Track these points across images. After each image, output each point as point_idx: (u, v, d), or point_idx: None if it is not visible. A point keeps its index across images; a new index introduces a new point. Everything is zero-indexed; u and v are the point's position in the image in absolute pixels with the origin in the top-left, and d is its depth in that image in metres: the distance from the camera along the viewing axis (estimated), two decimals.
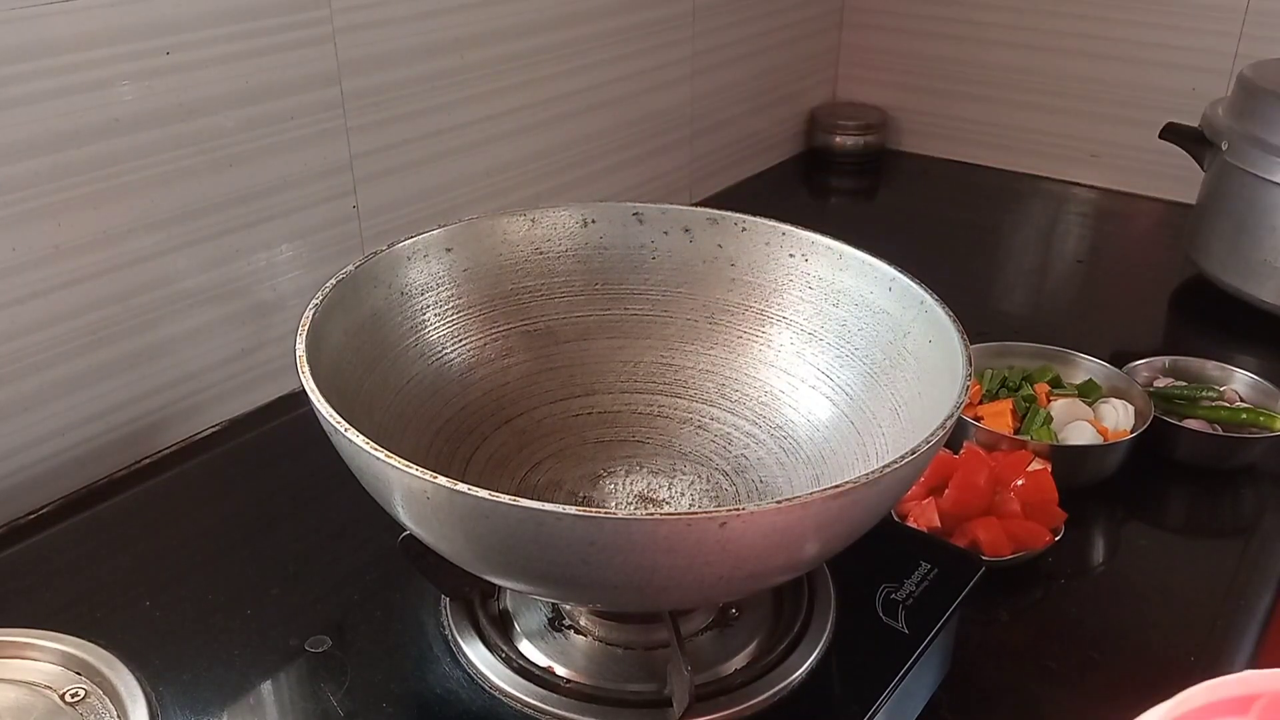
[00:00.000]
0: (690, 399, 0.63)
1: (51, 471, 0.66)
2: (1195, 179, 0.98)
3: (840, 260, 0.60)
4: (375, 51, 0.76)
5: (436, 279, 0.60)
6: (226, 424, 0.75)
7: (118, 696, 0.49)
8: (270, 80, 0.70)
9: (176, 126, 0.66)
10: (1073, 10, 1.17)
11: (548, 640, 0.53)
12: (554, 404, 0.62)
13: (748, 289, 0.63)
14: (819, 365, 0.60)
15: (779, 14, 1.20)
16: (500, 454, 0.59)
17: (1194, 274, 1.00)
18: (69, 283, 0.63)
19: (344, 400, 0.47)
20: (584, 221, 0.64)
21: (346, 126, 0.76)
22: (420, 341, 0.59)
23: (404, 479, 0.41)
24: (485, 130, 0.87)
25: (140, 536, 0.64)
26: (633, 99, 1.03)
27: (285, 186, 0.73)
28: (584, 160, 0.99)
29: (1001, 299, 1.01)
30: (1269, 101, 0.88)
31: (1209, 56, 1.11)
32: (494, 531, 0.41)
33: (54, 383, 0.64)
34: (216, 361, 0.73)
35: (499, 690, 0.51)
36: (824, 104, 1.34)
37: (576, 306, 0.64)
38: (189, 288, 0.70)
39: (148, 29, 0.63)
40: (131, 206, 0.65)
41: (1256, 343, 0.92)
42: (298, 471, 0.68)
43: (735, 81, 1.17)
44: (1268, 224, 0.89)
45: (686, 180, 1.15)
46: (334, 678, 0.52)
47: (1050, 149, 1.24)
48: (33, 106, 0.59)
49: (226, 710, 0.51)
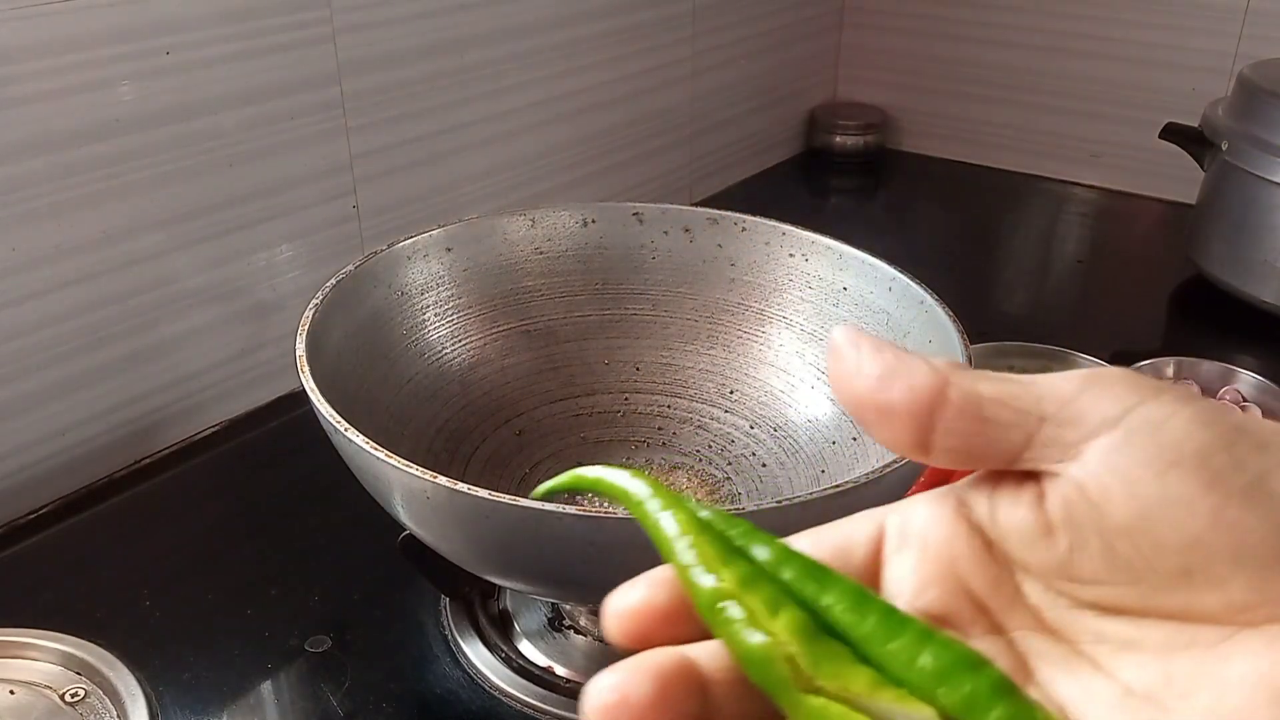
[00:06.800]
0: (690, 399, 0.63)
1: (51, 471, 0.66)
2: (1195, 179, 0.98)
3: (840, 260, 0.60)
4: (375, 51, 0.76)
5: (436, 279, 0.60)
6: (226, 424, 0.75)
7: (118, 696, 0.49)
8: (270, 80, 0.70)
9: (176, 126, 0.66)
10: (1073, 10, 1.17)
11: (548, 640, 0.53)
12: (554, 404, 0.62)
13: (748, 289, 0.63)
14: (819, 365, 0.60)
15: (779, 14, 1.20)
16: (500, 454, 0.59)
17: (1194, 274, 1.00)
18: (69, 283, 0.63)
19: (344, 400, 0.47)
20: (584, 221, 0.64)
21: (346, 126, 0.76)
22: (420, 341, 0.59)
23: (404, 479, 0.41)
24: (485, 130, 0.87)
25: (140, 536, 0.64)
26: (633, 99, 1.03)
27: (285, 186, 0.73)
28: (584, 160, 0.99)
29: (1001, 299, 1.01)
30: (1269, 101, 0.88)
31: (1209, 56, 1.11)
32: (494, 531, 0.41)
33: (54, 383, 0.64)
34: (216, 361, 0.73)
35: (499, 690, 0.51)
36: (824, 104, 1.34)
37: (576, 306, 0.64)
38: (189, 288, 0.70)
39: (148, 29, 0.63)
40: (131, 206, 0.65)
41: (1256, 343, 0.92)
42: (298, 471, 0.68)
43: (735, 81, 1.17)
44: (1268, 224, 0.89)
45: (686, 180, 1.15)
46: (334, 678, 0.52)
47: (1050, 149, 1.24)
48: (33, 106, 0.59)
49: (226, 710, 0.51)
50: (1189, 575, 0.20)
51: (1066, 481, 0.21)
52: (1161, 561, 0.20)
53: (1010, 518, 0.22)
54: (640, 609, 0.23)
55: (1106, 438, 0.21)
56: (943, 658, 0.21)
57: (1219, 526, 0.19)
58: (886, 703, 0.21)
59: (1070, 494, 0.21)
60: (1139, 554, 0.20)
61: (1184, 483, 0.20)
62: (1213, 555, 0.19)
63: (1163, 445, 0.20)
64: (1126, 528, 0.20)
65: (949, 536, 0.23)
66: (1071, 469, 0.21)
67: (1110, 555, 0.20)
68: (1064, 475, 0.21)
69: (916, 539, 0.23)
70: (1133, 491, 0.20)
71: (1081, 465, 0.21)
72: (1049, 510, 0.21)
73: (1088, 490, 0.21)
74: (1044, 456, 0.21)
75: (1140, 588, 0.20)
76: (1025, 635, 0.22)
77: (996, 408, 0.22)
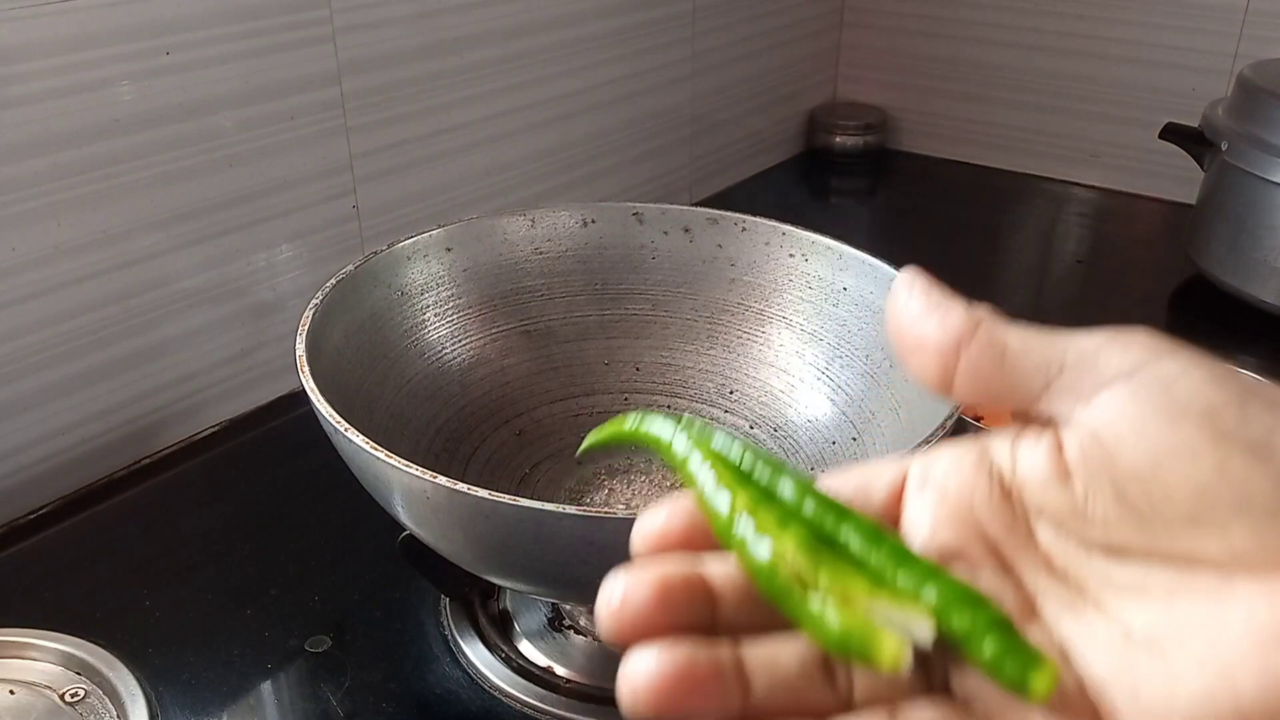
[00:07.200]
0: (690, 399, 0.63)
1: (51, 471, 0.66)
2: (1195, 179, 0.98)
3: (840, 260, 0.60)
4: (375, 51, 0.76)
5: (436, 279, 0.60)
6: (226, 424, 0.75)
7: (118, 696, 0.49)
8: (270, 80, 0.70)
9: (176, 126, 0.66)
10: (1073, 10, 1.17)
11: (548, 640, 0.53)
12: (554, 404, 0.62)
13: (748, 289, 0.63)
14: (819, 365, 0.60)
15: (779, 14, 1.20)
16: (500, 454, 0.59)
17: (1194, 274, 1.00)
18: (69, 283, 0.63)
19: (344, 400, 0.47)
20: (584, 221, 0.64)
21: (346, 126, 0.76)
22: (420, 341, 0.59)
23: (404, 479, 0.41)
24: (485, 130, 0.87)
25: (140, 536, 0.64)
26: (633, 99, 1.03)
27: (285, 186, 0.73)
28: (584, 160, 0.99)
29: (1001, 299, 1.00)
30: (1269, 101, 0.88)
31: (1209, 56, 1.11)
32: (494, 531, 0.41)
33: (54, 383, 0.64)
34: (216, 361, 0.73)
35: (499, 690, 0.51)
36: (824, 104, 1.34)
37: (576, 306, 0.64)
38: (189, 288, 0.70)
39: (148, 29, 0.63)
40: (131, 206, 0.65)
41: (1256, 343, 0.92)
42: (298, 471, 0.68)
43: (735, 81, 1.17)
44: (1267, 224, 0.89)
45: (686, 180, 1.15)
46: (334, 678, 0.52)
47: (1050, 149, 1.24)
48: (33, 106, 0.59)
49: (226, 710, 0.51)
50: (1194, 521, 0.21)
51: (1082, 429, 0.22)
52: (1169, 507, 0.21)
53: (1029, 464, 0.23)
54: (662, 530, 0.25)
55: (1122, 387, 0.22)
56: (946, 593, 0.22)
57: (1224, 477, 0.20)
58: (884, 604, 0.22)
59: (1086, 441, 0.22)
60: (1148, 499, 0.21)
61: (1193, 434, 0.21)
62: (1217, 503, 0.20)
63: (1175, 398, 0.21)
64: (1137, 473, 0.21)
65: (969, 482, 0.24)
66: (1087, 416, 0.22)
67: (1121, 499, 0.21)
68: (1080, 423, 0.22)
69: (937, 483, 0.25)
70: (1144, 439, 0.21)
71: (1097, 413, 0.22)
72: (1067, 456, 0.22)
73: (1102, 437, 0.22)
74: (1061, 403, 0.23)
75: (1148, 532, 0.21)
76: (1035, 576, 0.23)
77: (1020, 353, 0.23)
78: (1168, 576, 0.21)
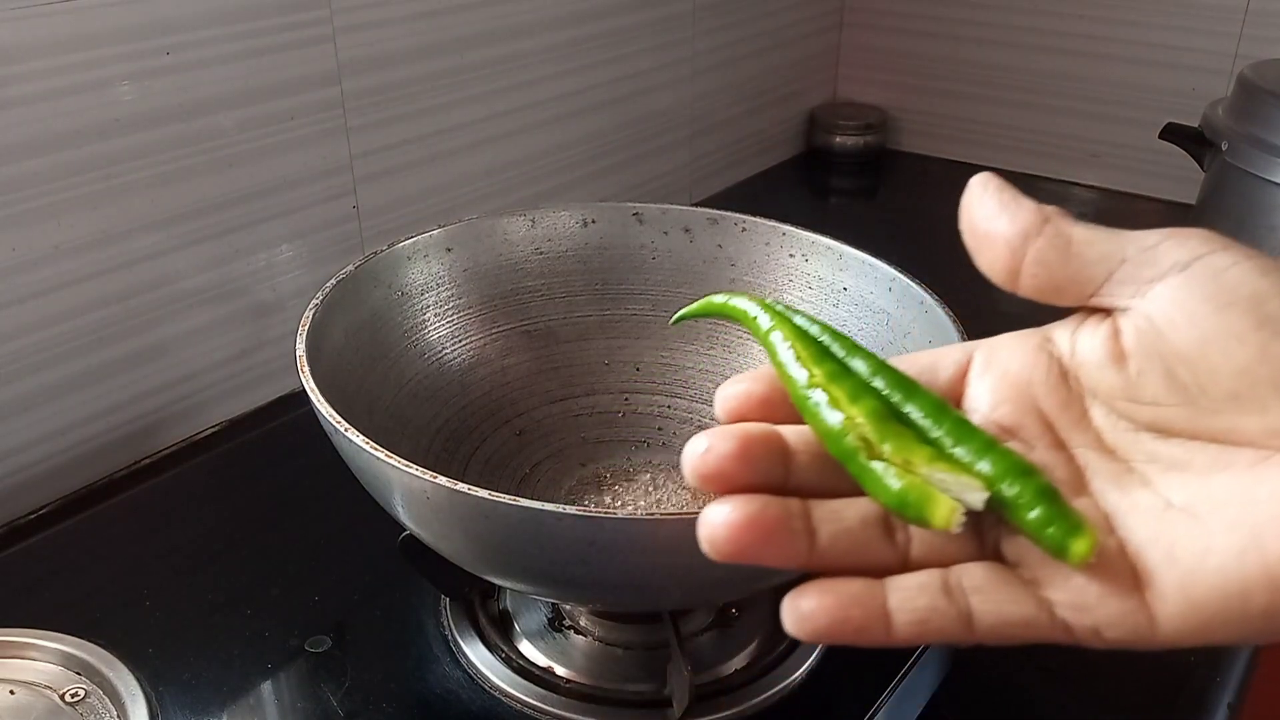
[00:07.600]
0: (690, 399, 0.63)
1: (51, 471, 0.66)
2: (1195, 179, 0.98)
3: (840, 260, 0.60)
4: (375, 51, 0.76)
5: (436, 279, 0.60)
6: (226, 424, 0.75)
7: (118, 696, 0.49)
8: (270, 80, 0.70)
9: (176, 126, 0.66)
10: (1073, 10, 1.17)
11: (548, 640, 0.53)
12: (554, 404, 0.62)
13: (748, 289, 0.63)
14: None
15: (779, 14, 1.20)
16: (500, 454, 0.59)
17: None
18: (69, 283, 0.63)
19: (344, 400, 0.47)
20: (584, 221, 0.64)
21: (346, 126, 0.76)
22: (420, 341, 0.59)
23: (404, 479, 0.41)
24: (485, 130, 0.87)
25: (140, 536, 0.64)
26: (633, 99, 1.03)
27: (285, 186, 0.73)
28: (584, 160, 0.99)
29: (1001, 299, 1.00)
30: (1269, 101, 0.88)
31: (1209, 56, 1.11)
32: (494, 531, 0.41)
33: (54, 383, 0.64)
34: (216, 361, 0.73)
35: (499, 690, 0.51)
36: (824, 104, 1.34)
37: (576, 306, 0.64)
38: (189, 288, 0.70)
39: (148, 29, 0.63)
40: (131, 206, 0.65)
41: None
42: (298, 471, 0.68)
43: (735, 81, 1.17)
44: (1267, 224, 0.89)
45: (686, 180, 1.15)
46: (334, 678, 0.52)
47: (1050, 149, 1.24)
48: (33, 106, 0.59)
49: (226, 710, 0.51)
50: (1236, 399, 0.22)
51: (1138, 314, 0.24)
52: (1214, 386, 0.23)
53: (1088, 348, 0.25)
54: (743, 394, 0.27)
55: (1176, 277, 0.24)
56: (1000, 464, 0.24)
57: (1266, 359, 0.22)
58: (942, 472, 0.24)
59: (1141, 326, 0.24)
60: (1195, 379, 0.23)
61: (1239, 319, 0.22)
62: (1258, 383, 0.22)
63: (1223, 286, 0.23)
64: (1186, 355, 0.23)
65: (1029, 364, 0.26)
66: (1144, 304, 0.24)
67: (1170, 379, 0.23)
68: (1137, 310, 0.24)
69: (999, 365, 0.27)
70: (1193, 323, 0.23)
71: (1152, 300, 0.24)
72: (1123, 341, 0.24)
73: (1155, 321, 0.24)
74: (1120, 293, 0.25)
75: (1193, 409, 0.23)
76: (1085, 452, 0.25)
77: (1085, 244, 0.25)
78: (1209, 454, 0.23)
